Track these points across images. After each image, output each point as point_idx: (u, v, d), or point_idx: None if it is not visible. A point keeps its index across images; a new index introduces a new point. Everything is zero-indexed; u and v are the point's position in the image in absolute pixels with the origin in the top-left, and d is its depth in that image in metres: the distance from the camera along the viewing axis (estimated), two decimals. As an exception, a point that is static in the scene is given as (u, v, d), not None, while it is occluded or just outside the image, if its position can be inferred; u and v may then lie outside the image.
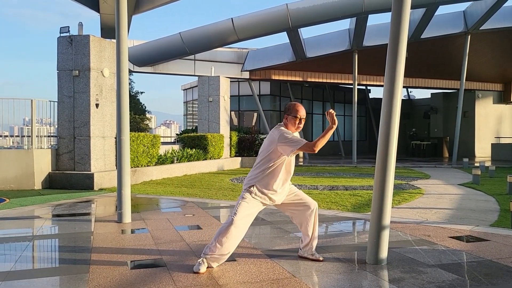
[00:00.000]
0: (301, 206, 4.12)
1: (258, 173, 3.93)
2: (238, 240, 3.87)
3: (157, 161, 12.79)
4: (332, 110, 3.82)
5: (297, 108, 3.95)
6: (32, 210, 7.15)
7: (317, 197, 8.27)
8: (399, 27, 3.92)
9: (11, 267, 4.01)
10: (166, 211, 7.26)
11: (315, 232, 4.16)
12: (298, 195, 4.15)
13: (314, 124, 27.78)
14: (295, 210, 4.16)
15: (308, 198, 4.18)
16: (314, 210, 4.12)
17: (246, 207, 3.87)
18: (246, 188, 3.96)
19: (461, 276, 3.70)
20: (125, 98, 6.25)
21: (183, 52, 17.47)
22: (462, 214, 6.98)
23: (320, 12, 15.36)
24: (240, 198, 3.93)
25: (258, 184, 3.92)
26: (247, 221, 3.90)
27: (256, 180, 3.93)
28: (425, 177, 13.13)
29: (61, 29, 10.22)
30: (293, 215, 4.21)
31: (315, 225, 4.14)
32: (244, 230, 3.88)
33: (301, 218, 4.14)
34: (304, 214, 4.11)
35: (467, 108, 25.43)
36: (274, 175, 3.91)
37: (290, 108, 3.98)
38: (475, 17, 17.33)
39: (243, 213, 3.84)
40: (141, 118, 38.59)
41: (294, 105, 3.98)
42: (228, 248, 3.82)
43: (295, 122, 3.94)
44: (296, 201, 4.13)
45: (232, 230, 3.77)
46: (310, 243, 4.17)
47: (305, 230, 4.15)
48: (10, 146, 11.85)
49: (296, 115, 3.92)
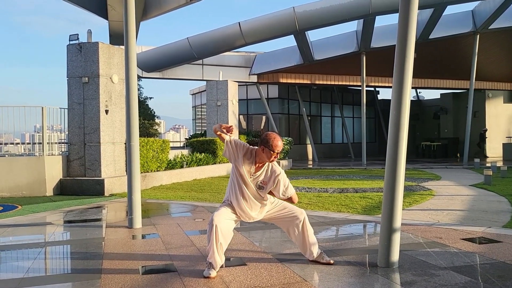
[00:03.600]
0: (288, 217, 4.13)
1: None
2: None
3: (167, 166, 12.84)
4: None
5: (276, 143, 3.87)
6: (44, 217, 7.22)
7: (327, 200, 8.24)
8: (406, 28, 3.90)
9: (24, 274, 4.04)
10: (176, 216, 7.28)
11: (310, 239, 4.13)
12: (284, 206, 4.16)
13: (323, 126, 27.72)
14: (282, 221, 4.19)
15: (294, 208, 4.18)
16: (302, 220, 4.10)
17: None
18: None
19: (474, 279, 3.66)
20: (134, 104, 6.29)
21: (191, 57, 17.55)
22: (474, 215, 6.91)
23: (327, 15, 15.34)
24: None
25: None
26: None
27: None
28: (436, 178, 13.02)
29: (71, 36, 10.33)
30: (282, 226, 4.25)
31: (308, 233, 4.11)
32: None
33: (288, 228, 4.16)
34: (292, 224, 4.11)
35: (477, 108, 25.20)
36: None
37: (268, 141, 3.88)
38: (483, 16, 17.19)
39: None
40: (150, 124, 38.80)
41: (273, 140, 3.87)
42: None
43: (271, 156, 3.90)
44: (281, 213, 4.15)
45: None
46: (308, 249, 4.15)
47: (296, 240, 4.17)
48: (22, 153, 11.97)
49: (274, 150, 3.88)
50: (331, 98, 28.19)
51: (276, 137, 3.92)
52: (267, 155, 3.89)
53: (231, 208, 4.02)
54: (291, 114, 25.40)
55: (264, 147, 3.88)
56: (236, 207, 4.00)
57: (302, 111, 24.61)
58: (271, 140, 3.87)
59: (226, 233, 3.87)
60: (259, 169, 3.97)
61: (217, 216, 3.86)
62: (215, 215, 3.86)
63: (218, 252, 3.82)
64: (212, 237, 3.78)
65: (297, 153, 23.94)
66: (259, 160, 3.96)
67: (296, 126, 25.71)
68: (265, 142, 3.87)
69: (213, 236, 3.77)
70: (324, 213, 7.02)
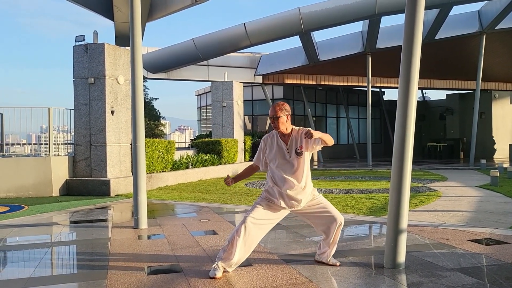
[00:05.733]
0: (326, 218, 4.04)
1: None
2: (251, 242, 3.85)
3: (172, 166, 12.87)
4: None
5: (269, 111, 4.09)
6: (50, 217, 7.25)
7: (332, 201, 8.22)
8: (413, 28, 3.89)
9: (31, 273, 4.06)
10: (181, 216, 7.29)
11: (335, 243, 4.09)
12: (326, 207, 4.05)
13: (328, 127, 27.66)
14: (319, 221, 4.09)
15: (336, 211, 4.08)
16: (339, 225, 4.02)
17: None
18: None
19: (481, 280, 3.63)
20: (140, 104, 6.31)
21: (196, 58, 17.59)
22: (481, 216, 6.87)
23: (333, 15, 15.32)
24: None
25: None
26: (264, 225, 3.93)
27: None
28: (442, 179, 12.96)
29: (77, 37, 10.38)
30: (316, 225, 4.15)
31: (336, 237, 4.06)
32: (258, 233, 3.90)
33: (324, 229, 4.07)
34: (330, 226, 4.02)
35: (484, 108, 25.08)
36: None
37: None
38: (490, 16, 17.10)
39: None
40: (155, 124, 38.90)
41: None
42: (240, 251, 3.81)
43: (272, 124, 4.05)
44: (322, 213, 4.06)
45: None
46: (327, 252, 4.12)
47: (327, 240, 4.09)
48: (28, 154, 12.04)
49: (269, 116, 4.07)
50: (336, 99, 28.13)
51: (271, 107, 4.06)
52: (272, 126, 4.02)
53: (269, 205, 3.93)
54: (296, 115, 25.34)
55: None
56: (278, 195, 3.89)
57: (307, 112, 24.57)
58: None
59: (256, 236, 3.87)
60: (287, 141, 4.04)
61: (252, 215, 3.82)
62: (250, 215, 3.82)
63: (242, 250, 3.78)
64: (241, 233, 3.74)
65: (302, 154, 23.86)
66: (280, 135, 4.05)
67: (301, 126, 25.63)
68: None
69: (243, 233, 3.74)
70: (330, 214, 6.99)
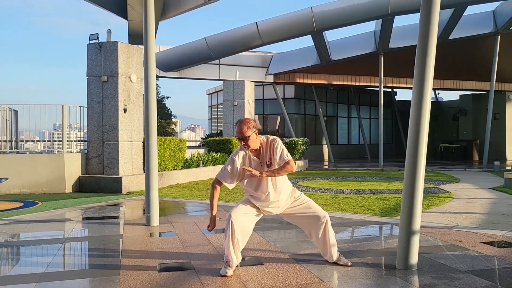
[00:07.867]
0: (310, 218, 4.07)
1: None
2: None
3: (183, 165, 12.93)
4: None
5: (236, 129, 3.97)
6: (63, 213, 7.33)
7: (343, 201, 8.20)
8: (428, 28, 3.85)
9: (45, 269, 4.12)
10: (193, 214, 7.32)
11: (331, 240, 4.07)
12: (309, 206, 4.08)
13: (339, 127, 27.56)
14: (303, 221, 4.12)
15: (318, 209, 4.11)
16: (324, 222, 4.03)
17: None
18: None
19: (494, 283, 3.60)
20: (153, 103, 6.34)
21: (208, 57, 17.63)
22: (494, 218, 6.79)
23: (345, 15, 15.25)
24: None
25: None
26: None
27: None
28: (455, 180, 12.84)
29: (91, 36, 10.47)
30: (302, 226, 4.19)
31: (328, 235, 4.05)
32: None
33: (310, 228, 4.09)
34: (314, 225, 4.05)
35: (498, 109, 24.78)
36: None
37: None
38: (505, 17, 16.89)
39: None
40: (167, 123, 39.05)
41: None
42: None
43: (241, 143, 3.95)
44: (305, 212, 4.08)
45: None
46: (329, 252, 4.10)
47: (317, 240, 4.10)
48: (41, 150, 12.18)
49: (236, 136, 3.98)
50: (347, 98, 28.00)
51: (237, 123, 3.95)
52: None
53: (250, 203, 3.99)
54: (307, 114, 25.29)
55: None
56: (255, 201, 3.95)
57: (318, 111, 24.50)
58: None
59: (243, 229, 3.85)
60: (257, 155, 3.98)
61: (234, 212, 3.85)
62: (232, 211, 3.86)
63: (234, 249, 3.80)
64: (229, 233, 3.77)
65: (313, 154, 23.84)
66: (250, 150, 3.97)
67: (312, 126, 25.58)
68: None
69: (229, 232, 3.76)
70: (341, 214, 6.98)
